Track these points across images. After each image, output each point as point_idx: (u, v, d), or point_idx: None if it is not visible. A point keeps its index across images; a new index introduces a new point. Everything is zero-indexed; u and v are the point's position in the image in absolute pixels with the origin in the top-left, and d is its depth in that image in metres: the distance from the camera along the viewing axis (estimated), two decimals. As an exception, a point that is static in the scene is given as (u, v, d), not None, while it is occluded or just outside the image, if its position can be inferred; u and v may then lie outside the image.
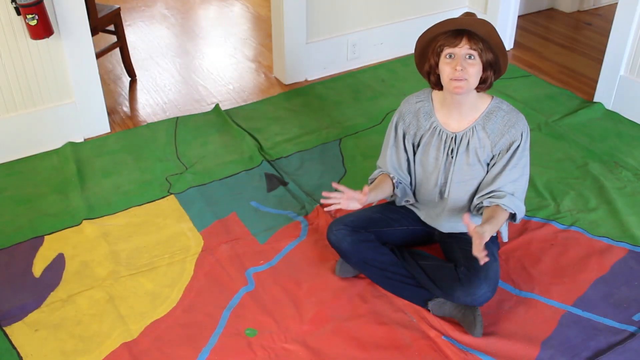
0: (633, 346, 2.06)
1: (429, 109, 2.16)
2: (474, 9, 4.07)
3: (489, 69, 2.01)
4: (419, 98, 2.19)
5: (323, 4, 3.60)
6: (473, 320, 2.08)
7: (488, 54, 1.99)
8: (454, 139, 2.12)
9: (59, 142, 3.13)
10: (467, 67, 1.96)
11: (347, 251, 2.21)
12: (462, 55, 1.96)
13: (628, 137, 3.16)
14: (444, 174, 2.16)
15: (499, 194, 2.06)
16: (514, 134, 2.07)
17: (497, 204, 2.04)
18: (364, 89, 3.63)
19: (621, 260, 2.41)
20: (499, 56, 2.01)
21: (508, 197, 2.05)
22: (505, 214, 2.05)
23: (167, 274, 2.37)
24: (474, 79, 1.99)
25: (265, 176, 2.90)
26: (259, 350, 2.07)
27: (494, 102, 2.12)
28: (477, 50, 1.96)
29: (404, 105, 2.21)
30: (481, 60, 1.98)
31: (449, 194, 2.17)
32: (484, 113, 2.10)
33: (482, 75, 2.01)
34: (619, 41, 3.25)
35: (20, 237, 2.55)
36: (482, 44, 1.96)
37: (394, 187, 2.23)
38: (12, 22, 2.80)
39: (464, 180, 2.15)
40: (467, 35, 1.95)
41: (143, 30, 4.49)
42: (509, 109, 2.11)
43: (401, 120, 2.21)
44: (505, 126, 2.07)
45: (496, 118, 2.08)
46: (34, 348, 2.09)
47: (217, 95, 3.63)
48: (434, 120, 2.14)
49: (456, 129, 2.12)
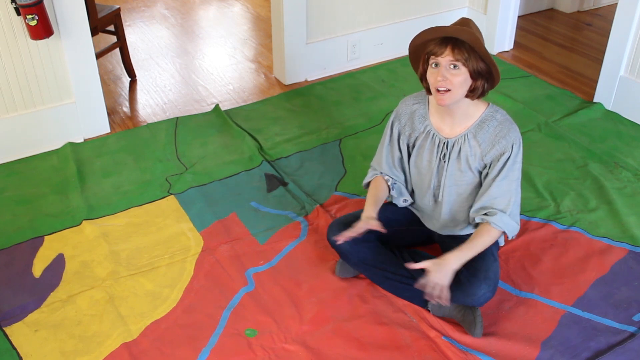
0: (633, 346, 2.06)
1: (424, 112, 2.15)
2: (473, 9, 4.07)
3: (479, 78, 1.96)
4: (416, 100, 2.18)
5: (323, 4, 3.60)
6: (473, 321, 2.08)
7: (477, 63, 1.93)
8: (446, 144, 2.10)
9: (59, 143, 3.13)
10: (450, 77, 1.92)
11: (346, 252, 2.21)
12: (445, 64, 1.93)
13: (628, 137, 3.16)
14: (437, 178, 2.16)
15: (491, 211, 2.05)
16: (505, 145, 2.03)
17: (487, 221, 2.05)
18: (364, 89, 3.63)
19: (621, 260, 2.41)
20: (490, 66, 1.97)
21: (499, 215, 2.03)
22: (495, 233, 2.05)
23: (167, 274, 2.37)
24: (459, 90, 1.95)
25: (265, 176, 2.90)
26: (259, 350, 2.07)
27: (489, 110, 2.08)
28: (461, 60, 1.91)
29: (401, 106, 2.21)
30: (467, 70, 1.93)
31: (443, 197, 2.17)
32: (477, 121, 2.07)
33: (472, 85, 1.97)
34: (619, 41, 3.25)
35: (20, 237, 2.55)
36: (469, 53, 1.92)
37: (390, 188, 2.23)
38: (12, 22, 2.80)
39: (457, 185, 2.14)
40: (452, 45, 1.92)
41: (143, 31, 4.49)
42: (503, 118, 2.06)
43: (397, 120, 2.21)
44: (497, 137, 2.04)
45: (488, 127, 2.05)
46: (34, 348, 2.09)
47: (217, 95, 3.63)
48: (428, 124, 2.13)
49: (449, 134, 2.10)
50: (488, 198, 2.06)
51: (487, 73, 1.98)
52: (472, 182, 2.13)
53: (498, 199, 2.05)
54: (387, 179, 2.23)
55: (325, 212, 2.64)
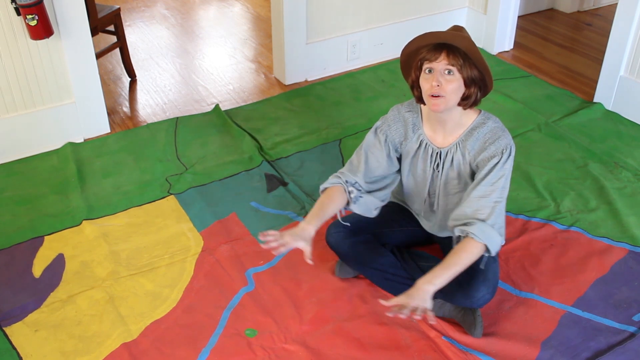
0: (633, 346, 2.06)
1: (417, 121, 2.10)
2: (473, 9, 4.07)
3: (473, 85, 1.93)
4: (409, 108, 2.12)
5: (323, 4, 3.60)
6: (473, 321, 2.08)
7: (471, 70, 1.91)
8: (439, 154, 2.08)
9: (59, 143, 3.13)
10: (445, 83, 1.89)
11: (346, 253, 2.20)
12: (439, 70, 1.90)
13: (628, 137, 3.16)
14: (432, 186, 2.14)
15: (470, 221, 1.92)
16: (494, 150, 1.96)
17: (466, 232, 1.92)
18: (364, 89, 3.63)
19: (621, 260, 2.41)
20: (484, 73, 1.94)
21: (478, 225, 1.90)
22: (476, 249, 1.91)
23: (167, 274, 2.37)
24: (453, 96, 1.92)
25: (265, 176, 2.90)
26: (259, 350, 2.06)
27: (480, 117, 2.03)
28: (456, 66, 1.88)
29: (392, 112, 2.14)
30: (462, 76, 1.90)
31: (438, 205, 2.17)
32: (467, 130, 2.03)
33: (465, 92, 1.94)
34: (619, 41, 3.25)
35: (20, 237, 2.55)
36: (464, 60, 1.89)
37: (350, 202, 2.09)
38: (12, 22, 2.80)
39: (452, 194, 2.13)
40: (446, 50, 1.89)
41: (143, 31, 4.49)
42: (494, 125, 2.01)
43: (385, 125, 2.12)
44: (486, 143, 1.99)
45: (478, 134, 2.01)
46: (34, 348, 2.09)
47: (217, 95, 3.63)
48: (421, 134, 2.09)
49: (441, 144, 2.07)
50: (469, 203, 1.95)
51: (481, 81, 1.94)
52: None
53: (480, 206, 1.94)
54: (351, 190, 2.09)
55: (325, 212, 2.63)
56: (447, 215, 2.16)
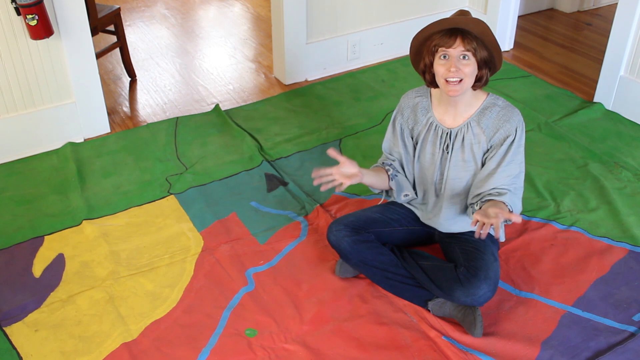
0: (633, 346, 2.06)
1: (427, 105, 2.18)
2: (473, 9, 4.07)
3: (484, 67, 2.02)
4: (418, 93, 2.21)
5: (323, 4, 3.60)
6: (473, 321, 2.08)
7: (482, 52, 1.99)
8: (449, 134, 2.13)
9: (59, 142, 3.13)
10: (462, 67, 1.97)
11: (347, 251, 2.21)
12: (456, 55, 1.97)
13: (628, 137, 3.16)
14: (440, 170, 2.17)
15: (500, 190, 2.04)
16: (509, 128, 2.07)
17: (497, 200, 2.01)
18: (364, 89, 3.63)
19: (621, 260, 2.40)
20: (493, 53, 2.02)
21: (509, 195, 2.02)
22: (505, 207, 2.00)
23: (167, 274, 2.37)
24: (469, 79, 2.00)
25: (265, 176, 2.90)
26: (259, 350, 2.07)
27: (489, 98, 2.13)
28: (471, 50, 1.96)
29: (403, 100, 2.24)
30: (476, 60, 1.99)
31: (445, 190, 2.18)
32: (479, 109, 2.11)
33: (478, 74, 2.02)
34: (619, 41, 3.25)
35: (20, 237, 2.55)
36: (476, 42, 1.97)
37: (389, 178, 2.23)
38: (12, 22, 2.80)
39: (459, 177, 2.15)
40: (461, 35, 1.96)
41: (143, 31, 4.49)
42: (504, 104, 2.11)
43: (400, 115, 2.23)
44: (500, 121, 2.07)
45: (491, 113, 2.09)
46: (34, 348, 2.09)
47: (217, 95, 3.63)
48: (431, 116, 2.16)
49: (451, 125, 2.13)
50: (494, 183, 2.04)
51: (490, 62, 2.03)
52: (475, 173, 2.14)
53: (504, 181, 2.04)
54: (388, 168, 2.23)
55: (325, 212, 2.64)
56: (452, 201, 2.18)
